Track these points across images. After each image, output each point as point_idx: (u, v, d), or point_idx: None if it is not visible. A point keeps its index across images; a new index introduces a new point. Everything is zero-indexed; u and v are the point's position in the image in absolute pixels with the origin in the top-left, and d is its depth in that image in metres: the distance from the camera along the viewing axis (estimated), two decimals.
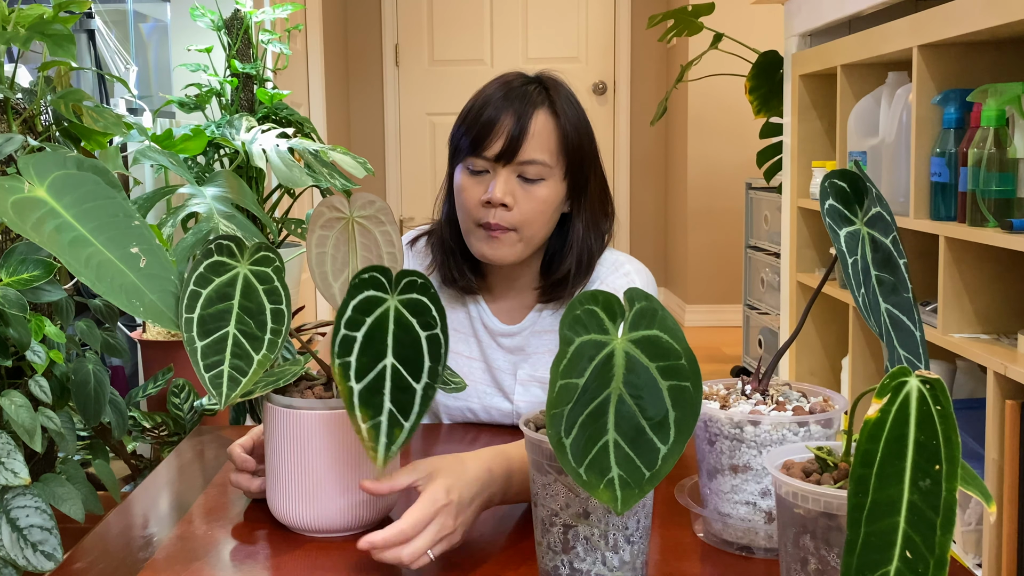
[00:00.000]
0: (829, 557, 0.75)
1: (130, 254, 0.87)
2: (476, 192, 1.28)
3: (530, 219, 1.28)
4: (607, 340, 0.78)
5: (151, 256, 0.88)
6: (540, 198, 1.28)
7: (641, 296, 0.79)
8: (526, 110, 1.26)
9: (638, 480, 0.76)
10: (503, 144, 1.26)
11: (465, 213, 1.30)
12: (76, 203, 0.87)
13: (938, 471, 0.63)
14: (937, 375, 0.65)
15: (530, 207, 1.28)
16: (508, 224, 1.27)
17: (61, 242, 0.84)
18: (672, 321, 0.79)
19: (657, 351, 0.78)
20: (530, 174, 1.27)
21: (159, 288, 0.87)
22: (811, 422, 0.93)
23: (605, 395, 0.77)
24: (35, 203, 0.86)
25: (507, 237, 1.28)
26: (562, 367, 0.77)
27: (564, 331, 0.78)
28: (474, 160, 1.28)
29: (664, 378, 0.77)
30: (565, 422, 0.76)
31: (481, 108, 1.28)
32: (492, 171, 1.28)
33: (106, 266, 0.85)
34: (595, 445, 0.76)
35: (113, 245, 0.86)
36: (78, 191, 0.88)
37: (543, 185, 1.28)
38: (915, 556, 0.62)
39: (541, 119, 1.27)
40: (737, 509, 0.96)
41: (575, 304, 0.79)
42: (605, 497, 0.75)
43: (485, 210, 1.28)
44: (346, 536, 1.02)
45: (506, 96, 1.28)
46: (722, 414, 0.94)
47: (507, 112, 1.26)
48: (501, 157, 1.26)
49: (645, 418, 0.77)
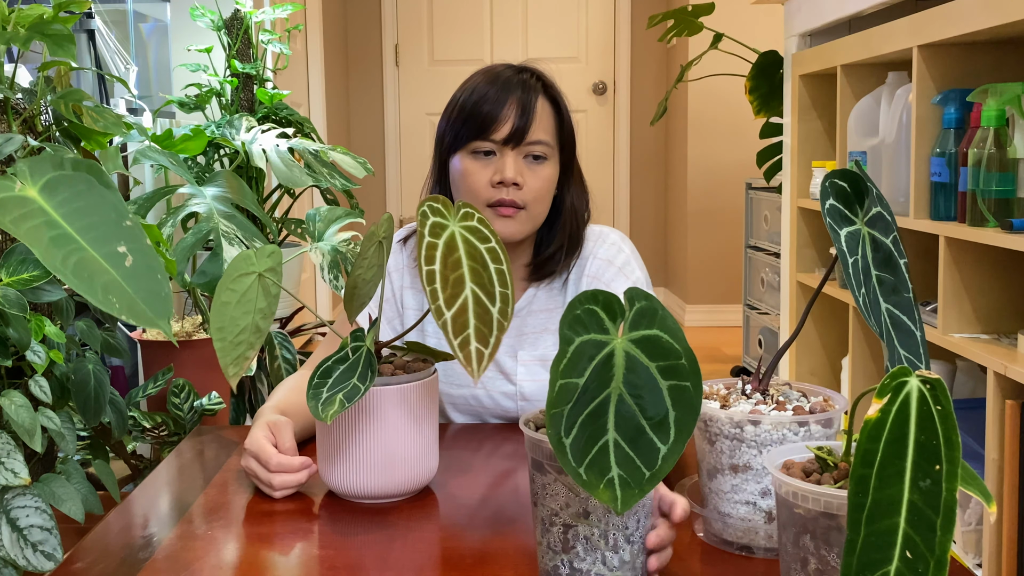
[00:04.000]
0: (829, 557, 0.75)
1: (116, 252, 0.86)
2: (484, 174, 1.35)
3: (538, 197, 1.36)
4: (607, 340, 0.78)
5: (139, 256, 0.87)
6: (545, 177, 1.37)
7: (641, 296, 0.80)
8: (529, 95, 1.35)
9: (638, 480, 0.76)
10: (512, 126, 1.34)
11: (473, 196, 1.36)
12: (66, 202, 0.87)
13: (938, 471, 0.63)
14: (937, 375, 0.65)
15: (537, 185, 1.36)
16: (520, 202, 1.35)
17: (41, 238, 0.84)
18: (672, 321, 0.79)
19: (657, 351, 0.78)
20: (537, 152, 1.36)
21: (143, 287, 0.86)
22: (811, 422, 0.93)
23: (605, 395, 0.77)
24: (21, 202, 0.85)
25: (519, 215, 1.36)
26: (562, 367, 0.77)
27: (564, 330, 0.78)
28: (480, 143, 1.35)
29: (664, 378, 0.77)
30: (565, 422, 0.76)
31: (482, 97, 1.35)
32: (499, 153, 1.35)
33: (87, 263, 0.84)
34: (595, 445, 0.76)
35: (99, 243, 0.86)
36: (70, 190, 0.88)
37: (547, 165, 1.37)
38: (915, 556, 0.62)
39: (541, 103, 1.36)
40: (737, 509, 0.96)
41: (575, 304, 0.79)
42: (605, 497, 0.75)
43: (495, 190, 1.35)
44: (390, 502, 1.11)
45: (506, 83, 1.36)
46: (722, 414, 0.94)
47: (512, 97, 1.35)
48: (510, 139, 1.34)
49: (645, 418, 0.77)
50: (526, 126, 1.34)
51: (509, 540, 1.01)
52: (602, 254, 1.42)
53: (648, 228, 5.53)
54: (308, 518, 1.08)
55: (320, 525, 1.07)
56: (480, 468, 1.26)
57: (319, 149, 2.43)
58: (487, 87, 1.36)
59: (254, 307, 1.00)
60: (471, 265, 0.91)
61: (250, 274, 1.00)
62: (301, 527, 1.06)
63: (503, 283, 0.92)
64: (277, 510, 1.10)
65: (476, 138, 1.35)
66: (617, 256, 1.41)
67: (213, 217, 1.81)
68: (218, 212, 1.82)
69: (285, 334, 2.34)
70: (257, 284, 1.00)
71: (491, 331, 0.90)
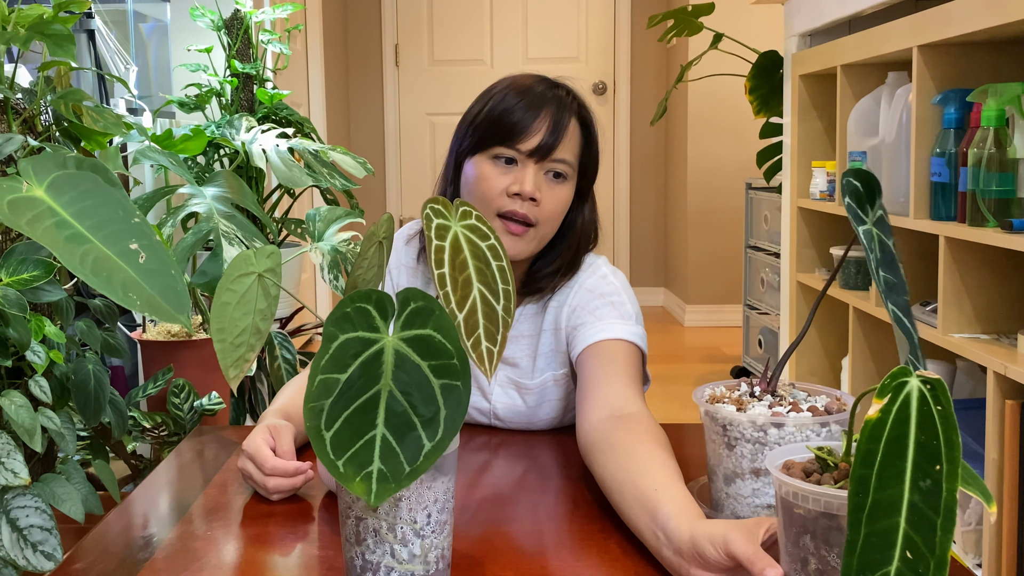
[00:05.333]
0: (829, 557, 0.75)
1: (129, 250, 0.87)
2: (502, 181, 1.30)
3: (551, 216, 1.32)
4: (377, 338, 0.80)
5: (150, 252, 0.88)
6: (561, 197, 1.32)
7: (419, 296, 0.81)
8: (563, 113, 1.30)
9: (397, 474, 0.77)
10: (541, 139, 1.29)
11: (485, 202, 1.31)
12: (74, 201, 0.87)
13: (939, 471, 0.63)
14: (938, 375, 0.65)
15: (552, 205, 1.31)
16: (533, 218, 1.30)
17: (57, 239, 0.84)
18: (447, 321, 0.80)
19: (429, 350, 0.80)
20: (559, 170, 1.31)
21: (159, 283, 0.86)
22: (832, 422, 0.92)
23: (375, 391, 0.79)
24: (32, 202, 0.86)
25: (527, 234, 1.31)
26: (323, 363, 0.78)
27: (329, 327, 0.79)
28: (504, 150, 1.30)
29: (436, 376, 0.79)
30: (326, 416, 0.78)
31: (513, 105, 1.30)
32: (521, 164, 1.30)
33: (103, 262, 0.85)
34: (361, 439, 0.78)
35: (111, 241, 0.86)
36: (76, 189, 0.88)
37: (565, 185, 1.32)
38: (916, 556, 0.62)
39: (573, 124, 1.32)
40: (759, 512, 0.95)
41: (345, 303, 0.80)
42: (360, 490, 0.77)
43: (509, 200, 1.29)
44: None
45: (540, 96, 1.31)
46: (743, 417, 0.93)
47: (545, 110, 1.30)
48: (536, 152, 1.29)
49: (417, 415, 0.79)
50: (555, 143, 1.29)
51: (509, 540, 1.01)
52: (589, 284, 1.35)
53: (648, 228, 5.53)
54: (308, 519, 1.08)
55: (320, 526, 1.07)
56: (479, 468, 1.26)
57: (319, 149, 2.43)
58: (518, 97, 1.31)
59: (254, 308, 1.00)
60: (476, 265, 0.92)
61: (250, 274, 1.00)
62: (301, 528, 1.06)
63: (504, 280, 0.92)
64: (277, 511, 1.10)
65: (500, 144, 1.30)
66: (605, 287, 1.35)
67: (213, 217, 1.81)
68: (218, 212, 1.82)
69: (285, 334, 2.34)
70: (257, 285, 1.00)
71: (498, 329, 0.91)
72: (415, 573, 0.86)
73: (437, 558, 0.87)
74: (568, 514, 1.09)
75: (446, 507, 0.87)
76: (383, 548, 0.85)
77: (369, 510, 0.84)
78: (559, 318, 1.35)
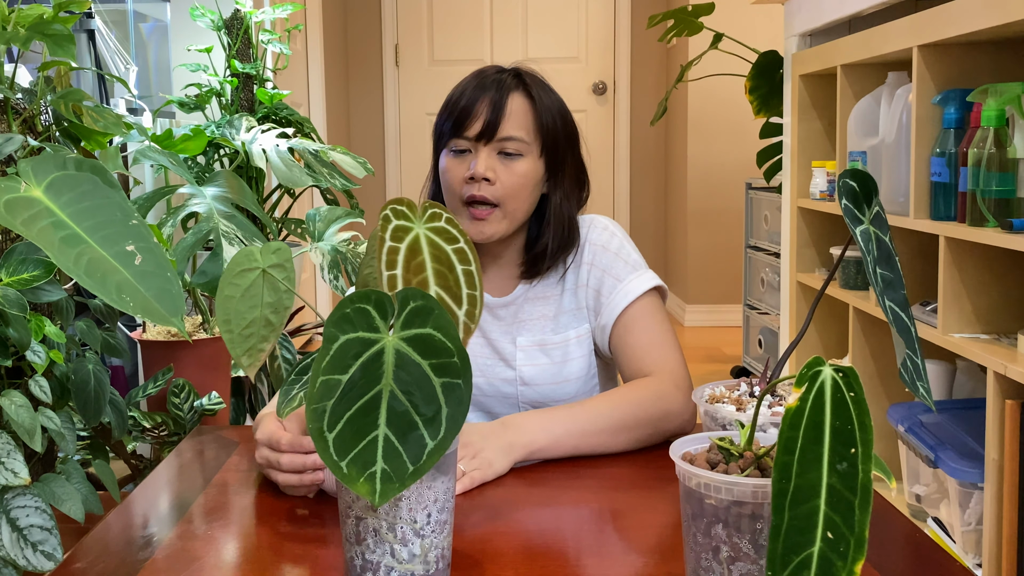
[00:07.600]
0: (741, 544, 0.77)
1: (125, 252, 0.87)
2: (460, 171, 1.39)
3: (512, 193, 1.38)
4: (377, 338, 0.80)
5: (147, 254, 0.88)
6: (520, 172, 1.38)
7: (418, 296, 0.81)
8: (502, 92, 1.39)
9: (401, 474, 0.77)
10: (483, 123, 1.37)
11: (451, 193, 1.40)
12: (72, 202, 0.87)
13: (854, 454, 0.66)
14: (849, 365, 0.67)
15: (511, 181, 1.38)
16: (492, 198, 1.37)
17: (52, 239, 0.84)
18: (447, 320, 0.80)
19: (430, 348, 0.80)
20: (509, 149, 1.38)
21: (154, 286, 0.86)
22: None
23: (376, 391, 0.79)
24: (29, 202, 0.86)
25: (492, 216, 1.38)
26: (324, 364, 0.78)
27: (329, 328, 0.79)
28: (457, 141, 1.39)
29: (437, 375, 0.79)
30: (328, 417, 0.78)
31: (460, 95, 1.40)
32: (474, 150, 1.39)
33: (98, 263, 0.85)
34: (363, 439, 0.78)
35: (108, 243, 0.86)
36: (75, 191, 0.88)
37: (522, 161, 1.39)
38: (836, 536, 0.65)
39: (516, 100, 1.39)
40: None
41: (344, 303, 0.80)
42: (364, 490, 0.77)
43: (469, 186, 1.38)
44: None
45: (481, 82, 1.41)
46: (743, 417, 0.94)
47: (485, 95, 1.39)
48: (482, 136, 1.37)
49: (419, 414, 0.79)
50: (496, 121, 1.37)
51: (509, 540, 1.01)
52: (594, 238, 1.43)
53: (648, 228, 5.53)
54: (308, 519, 1.08)
55: (320, 526, 1.07)
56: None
57: (319, 149, 2.43)
58: (463, 88, 1.41)
59: (261, 301, 1.00)
60: (436, 268, 0.91)
61: (253, 270, 1.00)
62: (301, 527, 1.06)
63: (471, 285, 0.92)
64: (277, 510, 1.10)
65: (453, 136, 1.39)
66: (611, 241, 1.43)
67: (213, 217, 1.81)
68: (218, 212, 1.82)
69: (285, 334, 2.34)
70: (262, 279, 1.00)
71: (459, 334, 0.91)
72: (415, 573, 0.86)
73: (437, 558, 0.87)
74: (568, 514, 1.09)
75: (446, 507, 0.87)
76: (383, 548, 0.85)
77: (369, 510, 0.84)
78: (579, 276, 1.43)
